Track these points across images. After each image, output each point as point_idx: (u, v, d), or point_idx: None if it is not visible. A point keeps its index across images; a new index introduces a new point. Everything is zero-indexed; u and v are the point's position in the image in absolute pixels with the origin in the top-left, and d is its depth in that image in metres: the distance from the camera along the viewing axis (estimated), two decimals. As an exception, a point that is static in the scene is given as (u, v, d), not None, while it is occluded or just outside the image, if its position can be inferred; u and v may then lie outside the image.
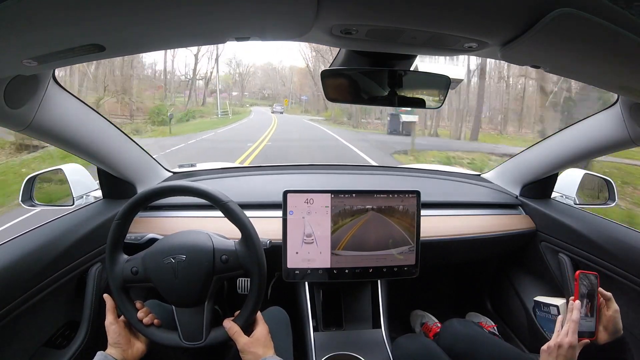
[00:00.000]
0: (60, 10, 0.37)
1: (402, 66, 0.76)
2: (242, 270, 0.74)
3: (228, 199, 0.74)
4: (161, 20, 0.44)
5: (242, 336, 0.71)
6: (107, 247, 0.75)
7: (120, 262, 0.75)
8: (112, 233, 0.75)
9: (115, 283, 0.74)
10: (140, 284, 0.74)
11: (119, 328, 0.72)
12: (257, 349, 0.71)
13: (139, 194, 0.76)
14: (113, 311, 0.74)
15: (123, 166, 1.06)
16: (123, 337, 0.72)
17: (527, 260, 1.34)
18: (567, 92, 10.35)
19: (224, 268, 0.73)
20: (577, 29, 0.44)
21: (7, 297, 0.73)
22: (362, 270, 1.04)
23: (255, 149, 8.99)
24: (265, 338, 0.74)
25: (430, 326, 1.37)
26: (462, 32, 0.52)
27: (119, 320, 0.74)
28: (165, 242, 0.76)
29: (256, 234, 0.74)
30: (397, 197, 1.05)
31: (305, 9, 0.43)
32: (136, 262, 0.75)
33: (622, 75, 0.60)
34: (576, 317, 0.70)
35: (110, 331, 0.72)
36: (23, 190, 1.02)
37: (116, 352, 0.70)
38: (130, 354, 0.72)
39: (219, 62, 26.86)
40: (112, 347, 0.71)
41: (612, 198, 1.23)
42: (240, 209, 0.74)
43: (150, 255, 0.74)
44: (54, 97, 0.74)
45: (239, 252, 0.74)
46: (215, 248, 0.73)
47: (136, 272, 0.74)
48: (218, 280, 0.74)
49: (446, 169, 1.71)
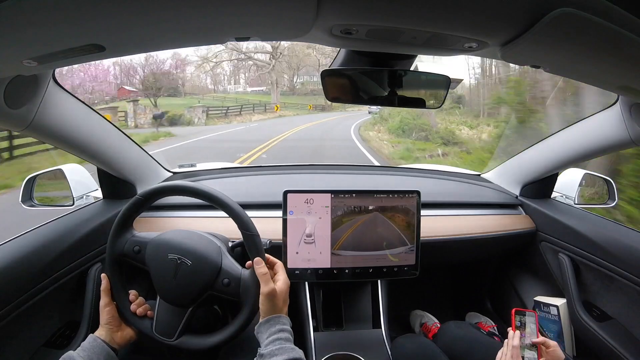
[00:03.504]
0: (60, 11, 0.37)
1: (402, 66, 0.76)
2: (236, 299, 0.74)
3: (256, 232, 0.74)
4: (161, 20, 0.44)
5: (270, 282, 0.69)
6: (118, 217, 0.76)
7: (126, 236, 0.77)
8: (130, 206, 0.76)
9: (113, 253, 0.76)
10: (136, 262, 0.76)
11: (112, 310, 0.74)
12: (279, 301, 0.70)
13: (179, 183, 0.77)
14: (108, 292, 0.75)
15: (123, 166, 1.06)
16: (115, 319, 0.74)
17: (527, 260, 1.34)
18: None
19: (221, 290, 0.73)
20: (577, 29, 0.44)
21: (8, 297, 0.73)
22: (362, 270, 1.04)
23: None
24: (286, 293, 0.73)
25: (429, 326, 1.37)
26: (462, 32, 0.52)
27: (112, 303, 0.75)
28: (177, 237, 0.76)
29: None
30: (397, 197, 1.05)
31: (305, 9, 0.43)
32: (141, 243, 0.76)
33: (622, 75, 0.60)
34: (516, 342, 0.77)
35: (103, 312, 0.74)
36: (23, 191, 1.02)
37: (105, 334, 0.72)
38: (120, 336, 0.74)
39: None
40: (102, 327, 0.73)
41: (612, 198, 1.23)
42: (260, 242, 0.74)
43: (157, 244, 0.75)
44: (54, 97, 0.74)
45: (243, 282, 0.73)
46: (222, 268, 0.73)
47: (137, 251, 0.75)
48: (211, 295, 0.74)
49: (446, 169, 1.71)
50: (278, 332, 0.66)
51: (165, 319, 0.75)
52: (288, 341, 0.66)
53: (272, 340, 0.65)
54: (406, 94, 0.80)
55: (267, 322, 0.68)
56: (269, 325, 0.67)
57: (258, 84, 31.63)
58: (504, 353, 0.77)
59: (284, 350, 0.63)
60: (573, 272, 1.12)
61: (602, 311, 1.05)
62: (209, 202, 0.75)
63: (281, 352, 0.63)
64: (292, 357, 0.63)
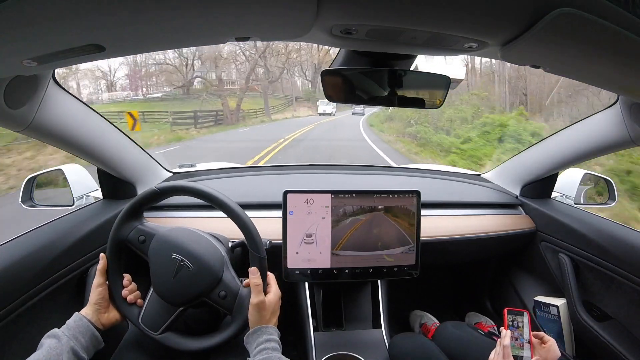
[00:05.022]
0: (60, 11, 0.37)
1: (402, 66, 0.76)
2: (228, 313, 0.74)
3: (263, 246, 0.75)
4: (161, 21, 0.44)
5: (261, 293, 0.71)
6: (130, 203, 0.77)
7: (134, 223, 0.78)
8: (144, 195, 0.77)
9: (117, 237, 0.76)
10: (137, 251, 0.76)
11: (104, 291, 0.75)
12: (267, 312, 0.71)
13: (197, 187, 0.77)
14: (103, 273, 0.76)
15: (123, 166, 1.06)
16: (104, 301, 0.75)
17: (527, 260, 1.34)
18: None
19: (216, 300, 0.74)
20: (577, 29, 0.43)
21: (8, 297, 0.73)
22: (362, 270, 1.04)
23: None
24: (276, 304, 0.74)
25: (429, 326, 1.37)
26: (462, 32, 0.52)
27: (106, 284, 0.76)
28: (184, 237, 0.76)
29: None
30: (397, 197, 1.05)
31: (305, 9, 0.43)
32: (147, 234, 0.77)
33: (622, 75, 0.60)
34: (506, 342, 0.78)
35: (94, 292, 0.74)
36: (23, 191, 1.02)
37: (92, 313, 0.72)
38: (106, 317, 0.74)
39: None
40: (90, 306, 0.73)
41: (612, 198, 1.23)
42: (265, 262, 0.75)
43: (163, 239, 0.75)
44: (54, 97, 0.74)
45: (239, 298, 0.74)
46: (222, 280, 0.74)
47: (142, 241, 0.76)
48: (204, 301, 0.75)
49: (446, 169, 1.71)
50: (265, 342, 0.68)
51: (153, 311, 0.75)
52: (275, 350, 0.67)
53: (260, 350, 0.67)
54: (406, 94, 0.80)
55: (255, 332, 0.70)
56: (257, 335, 0.69)
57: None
58: (497, 353, 0.78)
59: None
60: (573, 272, 1.12)
61: (602, 311, 1.05)
62: (226, 213, 0.75)
63: None
64: None
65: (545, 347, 0.80)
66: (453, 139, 9.06)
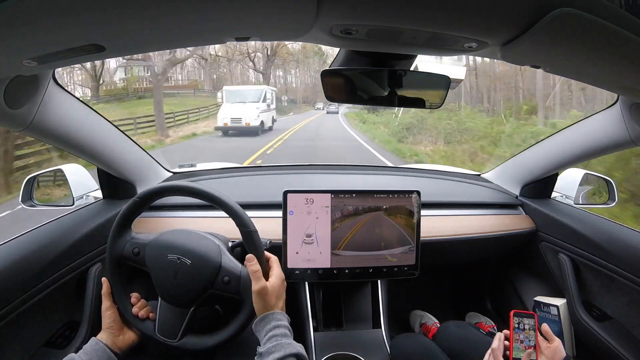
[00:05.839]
0: (60, 11, 0.37)
1: (402, 66, 0.76)
2: (237, 297, 0.74)
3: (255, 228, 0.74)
4: (161, 21, 0.44)
5: (261, 279, 0.69)
6: (117, 219, 0.77)
7: (125, 237, 0.77)
8: (128, 207, 0.76)
9: (113, 255, 0.76)
10: (136, 264, 0.76)
11: (114, 314, 0.74)
12: (271, 298, 0.69)
13: (176, 183, 0.77)
14: (109, 296, 0.75)
15: (123, 166, 1.06)
16: (117, 323, 0.74)
17: (527, 260, 1.34)
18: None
19: (222, 287, 0.73)
20: (577, 29, 0.44)
21: (8, 297, 0.73)
22: (362, 270, 1.04)
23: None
24: (280, 288, 0.72)
25: (429, 326, 1.37)
26: (462, 32, 0.52)
27: (114, 306, 0.75)
28: (176, 237, 0.76)
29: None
30: (397, 197, 1.05)
31: (305, 9, 0.43)
32: (140, 245, 0.76)
33: (622, 75, 0.60)
34: (495, 345, 0.79)
35: (105, 316, 0.74)
36: (23, 191, 1.02)
37: (107, 337, 0.72)
38: (122, 340, 0.73)
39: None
40: (104, 331, 0.73)
41: (612, 198, 1.23)
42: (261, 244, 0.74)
43: (156, 245, 0.75)
44: (54, 97, 0.74)
45: (242, 279, 0.73)
46: (222, 266, 0.73)
47: (137, 253, 0.75)
48: (212, 294, 0.74)
49: (446, 169, 1.71)
50: (274, 329, 0.66)
51: (167, 319, 0.74)
52: (285, 336, 0.65)
53: (269, 337, 0.65)
54: (406, 93, 0.79)
55: (262, 320, 0.68)
56: (264, 323, 0.67)
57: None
58: (488, 354, 0.79)
59: (280, 347, 0.63)
60: (573, 272, 1.12)
61: (602, 311, 1.05)
62: (207, 201, 0.75)
63: (278, 349, 0.63)
64: (289, 352, 0.62)
65: (551, 348, 0.79)
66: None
